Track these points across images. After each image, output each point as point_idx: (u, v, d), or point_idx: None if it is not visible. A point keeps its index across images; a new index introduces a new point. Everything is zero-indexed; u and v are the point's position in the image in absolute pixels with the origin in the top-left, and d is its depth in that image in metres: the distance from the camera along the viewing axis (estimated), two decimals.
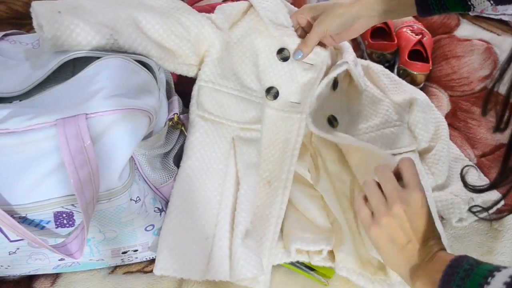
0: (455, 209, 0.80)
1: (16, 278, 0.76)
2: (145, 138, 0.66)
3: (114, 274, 0.77)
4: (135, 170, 0.67)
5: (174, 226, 0.69)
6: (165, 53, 0.74)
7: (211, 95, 0.78)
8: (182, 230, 0.69)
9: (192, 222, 0.70)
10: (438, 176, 0.84)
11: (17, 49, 0.71)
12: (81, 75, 0.62)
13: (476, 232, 0.81)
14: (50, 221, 0.62)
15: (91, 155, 0.57)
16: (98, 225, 0.66)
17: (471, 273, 0.50)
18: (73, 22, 0.64)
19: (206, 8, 0.93)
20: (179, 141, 0.77)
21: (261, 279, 0.71)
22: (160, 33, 0.72)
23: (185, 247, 0.69)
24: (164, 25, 0.72)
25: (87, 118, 0.56)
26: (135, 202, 0.66)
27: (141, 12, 0.71)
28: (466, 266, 0.51)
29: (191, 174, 0.73)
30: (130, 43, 0.69)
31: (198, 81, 0.78)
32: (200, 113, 0.76)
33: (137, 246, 0.73)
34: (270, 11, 0.83)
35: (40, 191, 0.59)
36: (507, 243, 0.80)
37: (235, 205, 0.73)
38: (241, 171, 0.75)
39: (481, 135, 0.95)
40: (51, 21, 0.63)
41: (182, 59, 0.77)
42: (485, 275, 0.48)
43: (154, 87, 0.67)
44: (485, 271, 0.49)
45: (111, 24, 0.68)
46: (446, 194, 0.81)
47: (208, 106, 0.77)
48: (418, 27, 1.10)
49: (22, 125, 0.55)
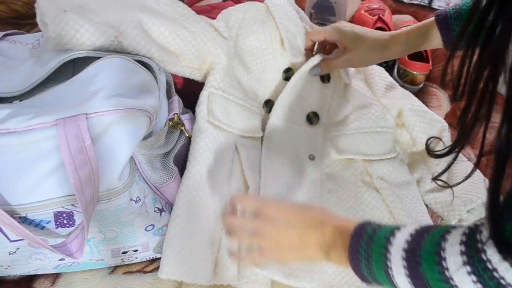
0: (454, 211, 0.80)
1: (16, 278, 0.76)
2: (145, 138, 0.66)
3: (114, 274, 0.77)
4: (135, 170, 0.67)
5: (181, 230, 0.69)
6: (168, 56, 0.74)
7: (220, 103, 0.79)
8: (188, 235, 0.69)
9: (199, 227, 0.70)
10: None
11: (17, 49, 0.71)
12: (82, 75, 0.62)
13: None
14: (50, 221, 0.62)
15: (91, 155, 0.57)
16: (98, 225, 0.66)
17: (375, 236, 0.52)
18: (78, 22, 0.64)
19: (206, 8, 0.93)
20: (179, 141, 0.77)
21: (262, 280, 0.71)
22: (165, 36, 0.72)
23: (191, 251, 0.69)
24: (170, 28, 0.73)
25: (87, 118, 0.56)
26: (135, 202, 0.66)
27: (147, 14, 0.72)
28: (369, 231, 0.53)
29: (199, 179, 0.73)
30: (134, 46, 0.69)
31: (208, 88, 0.79)
32: (210, 119, 0.76)
33: (137, 246, 0.73)
34: (290, 32, 0.85)
35: (40, 191, 0.59)
36: None
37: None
38: (247, 175, 0.76)
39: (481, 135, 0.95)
40: (56, 20, 0.63)
41: (186, 62, 0.78)
42: (387, 236, 0.51)
43: (154, 87, 0.67)
44: (387, 233, 0.51)
45: (116, 25, 0.68)
46: (445, 195, 0.81)
47: (218, 114, 0.78)
48: None
49: (22, 125, 0.55)
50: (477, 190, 0.81)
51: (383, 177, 0.82)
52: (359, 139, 0.86)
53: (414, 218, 0.77)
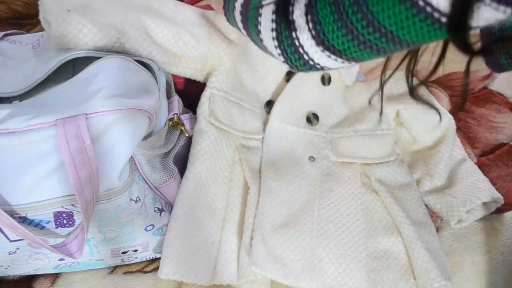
0: (454, 211, 0.80)
1: (16, 278, 0.76)
2: (145, 138, 0.66)
3: (114, 274, 0.77)
4: (135, 170, 0.67)
5: (182, 231, 0.69)
6: (170, 58, 0.74)
7: (222, 104, 0.79)
8: (189, 235, 0.69)
9: (198, 228, 0.71)
10: (437, 178, 0.83)
11: (17, 49, 0.71)
12: (81, 75, 0.62)
13: (476, 231, 0.81)
14: (50, 221, 0.62)
15: (91, 155, 0.57)
16: (98, 225, 0.66)
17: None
18: (81, 22, 0.64)
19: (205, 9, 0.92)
20: (179, 141, 0.77)
21: (262, 280, 0.71)
22: (168, 38, 0.73)
23: (191, 251, 0.69)
24: (173, 31, 0.73)
25: (87, 118, 0.56)
26: (135, 202, 0.66)
27: (150, 15, 0.72)
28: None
29: (199, 181, 0.73)
30: (136, 48, 0.69)
31: (210, 89, 0.79)
32: (212, 120, 0.77)
33: (137, 246, 0.73)
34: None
35: (40, 191, 0.59)
36: (507, 242, 0.80)
37: (243, 209, 0.74)
38: (248, 176, 0.76)
39: (481, 135, 0.95)
40: (59, 19, 0.63)
41: (187, 64, 0.78)
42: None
43: (154, 87, 0.67)
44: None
45: (120, 26, 0.68)
46: (445, 196, 0.81)
47: (219, 115, 0.78)
48: None
49: (22, 125, 0.55)
50: (476, 191, 0.80)
51: (381, 180, 0.82)
52: (359, 142, 0.85)
53: (414, 219, 0.77)
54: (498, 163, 0.90)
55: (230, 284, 0.70)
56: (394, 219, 0.77)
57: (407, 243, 0.74)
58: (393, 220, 0.78)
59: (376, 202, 0.80)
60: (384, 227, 0.77)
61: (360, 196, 0.80)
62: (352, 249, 0.73)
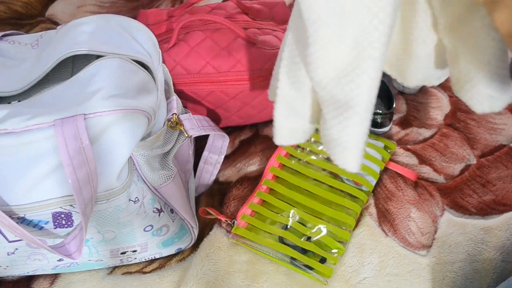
0: None
1: (14, 278, 0.76)
2: (143, 138, 0.66)
3: (113, 274, 0.77)
4: (134, 170, 0.67)
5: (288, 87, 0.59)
6: None
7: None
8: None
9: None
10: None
11: (16, 49, 0.71)
12: (80, 76, 0.62)
13: (474, 232, 0.81)
14: (49, 221, 0.62)
15: (90, 156, 0.57)
16: (97, 226, 0.66)
17: None
18: None
19: (206, 9, 0.92)
20: (178, 141, 0.77)
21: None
22: None
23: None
24: None
25: (86, 118, 0.56)
26: (134, 202, 0.66)
27: None
28: None
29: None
30: None
31: None
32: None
33: (135, 246, 0.73)
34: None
35: (38, 192, 0.59)
36: (506, 243, 0.79)
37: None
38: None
39: (481, 136, 0.95)
40: None
41: None
42: None
43: (152, 87, 0.67)
44: None
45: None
46: None
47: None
48: None
49: (20, 125, 0.55)
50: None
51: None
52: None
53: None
54: (498, 165, 0.90)
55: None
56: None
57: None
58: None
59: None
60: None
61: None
62: None
